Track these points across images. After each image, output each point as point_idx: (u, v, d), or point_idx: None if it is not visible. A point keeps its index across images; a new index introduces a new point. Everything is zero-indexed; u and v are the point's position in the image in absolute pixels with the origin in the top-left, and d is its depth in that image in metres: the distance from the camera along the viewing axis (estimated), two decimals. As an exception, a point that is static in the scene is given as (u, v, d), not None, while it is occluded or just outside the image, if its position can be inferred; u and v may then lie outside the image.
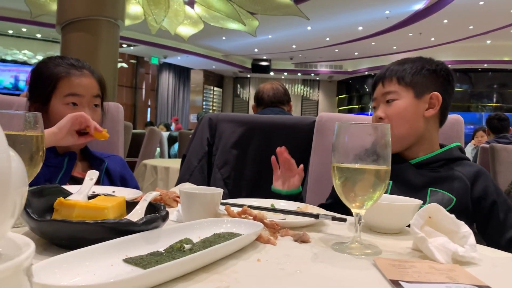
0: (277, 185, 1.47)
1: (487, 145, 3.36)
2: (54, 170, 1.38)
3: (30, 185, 0.82)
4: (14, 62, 12.98)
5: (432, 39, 12.29)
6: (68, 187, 0.92)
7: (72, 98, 1.43)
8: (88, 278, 0.54)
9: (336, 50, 14.32)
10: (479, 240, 0.96)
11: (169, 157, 7.55)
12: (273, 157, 1.47)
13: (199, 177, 2.08)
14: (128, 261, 0.61)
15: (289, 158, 1.44)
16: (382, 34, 11.97)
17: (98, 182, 1.40)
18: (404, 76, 1.35)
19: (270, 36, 12.75)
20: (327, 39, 12.94)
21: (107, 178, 1.53)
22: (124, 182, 1.58)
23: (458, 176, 1.31)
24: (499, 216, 1.27)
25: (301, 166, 1.42)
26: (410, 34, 11.95)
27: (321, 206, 1.50)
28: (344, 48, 13.85)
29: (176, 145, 7.60)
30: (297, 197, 1.43)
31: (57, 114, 1.39)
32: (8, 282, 0.34)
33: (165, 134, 7.92)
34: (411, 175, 1.33)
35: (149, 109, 15.67)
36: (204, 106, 17.20)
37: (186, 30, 8.74)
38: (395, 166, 1.33)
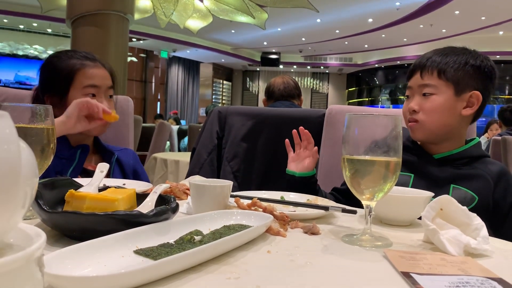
0: (291, 167, 1.42)
1: (499, 137, 3.32)
2: (66, 162, 1.40)
3: (42, 177, 0.83)
4: (26, 57, 13.08)
5: (444, 30, 12.13)
6: (79, 180, 0.93)
7: (90, 89, 1.45)
8: (99, 269, 0.55)
9: (346, 43, 14.21)
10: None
11: (179, 150, 7.57)
12: (286, 140, 1.44)
13: (209, 170, 2.09)
14: (138, 252, 0.61)
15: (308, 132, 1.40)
16: (392, 26, 11.83)
17: (108, 175, 1.42)
18: (446, 70, 1.27)
19: (279, 29, 12.68)
20: (337, 31, 12.83)
21: (120, 171, 1.55)
22: (136, 175, 1.59)
23: (481, 174, 1.27)
24: None
25: (315, 148, 1.39)
26: (421, 26, 11.80)
27: (334, 189, 1.49)
28: (354, 40, 13.73)
29: (186, 139, 7.62)
30: (310, 179, 1.38)
31: None
32: (20, 272, 0.34)
33: (175, 127, 7.94)
34: (434, 170, 1.30)
35: (158, 103, 15.72)
36: (213, 100, 17.21)
37: (195, 24, 8.75)
38: (417, 159, 1.33)
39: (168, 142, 6.68)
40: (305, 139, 1.39)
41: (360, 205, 0.84)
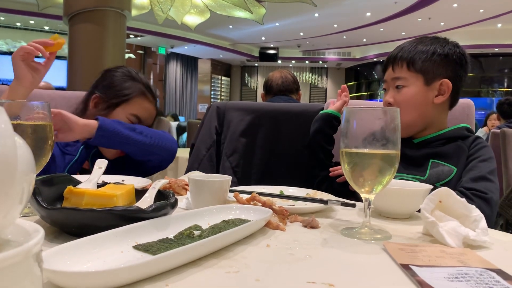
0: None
1: (498, 130, 3.32)
2: (68, 157, 1.40)
3: (43, 170, 0.83)
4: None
5: (442, 23, 12.10)
6: (77, 177, 0.93)
7: (134, 118, 1.52)
8: (99, 264, 0.55)
9: (344, 37, 14.18)
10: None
11: (178, 147, 7.56)
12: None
13: (208, 166, 2.09)
14: (138, 247, 0.61)
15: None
16: (390, 19, 11.80)
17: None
18: (415, 61, 1.32)
19: (277, 24, 12.64)
20: (335, 25, 12.80)
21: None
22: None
23: (459, 146, 1.30)
24: (469, 169, 1.24)
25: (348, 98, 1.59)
26: (419, 19, 11.77)
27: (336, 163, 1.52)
28: (352, 34, 13.70)
29: (184, 135, 7.61)
30: (334, 116, 1.55)
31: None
32: (18, 268, 0.34)
33: (174, 124, 7.93)
34: (413, 152, 1.32)
35: (157, 100, 15.68)
36: (212, 96, 17.18)
37: (192, 19, 8.72)
38: None
39: (167, 139, 6.65)
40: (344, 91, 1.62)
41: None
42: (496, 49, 13.55)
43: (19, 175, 0.33)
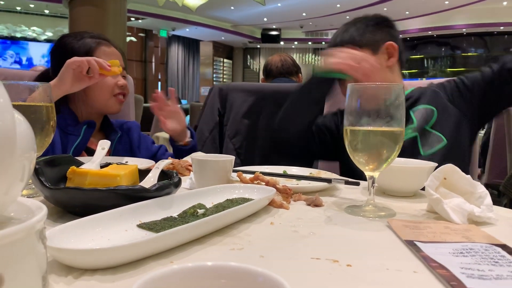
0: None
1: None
2: (72, 138, 1.41)
3: (47, 151, 0.82)
4: (24, 39, 12.97)
5: (446, 2, 11.91)
6: (80, 158, 0.92)
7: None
8: (103, 243, 0.55)
9: (347, 17, 13.84)
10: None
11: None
12: None
13: (211, 148, 2.09)
14: (142, 226, 0.61)
15: None
16: (394, -2, 11.65)
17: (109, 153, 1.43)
18: (355, 41, 1.40)
19: (279, 4, 12.48)
20: (338, 5, 12.63)
21: (124, 147, 1.58)
22: (141, 143, 1.65)
23: (427, 90, 1.41)
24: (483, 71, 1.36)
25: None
26: (423, -2, 11.61)
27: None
28: (356, 14, 13.20)
29: (187, 118, 7.60)
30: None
31: (98, 83, 1.40)
32: (21, 245, 0.34)
33: (176, 107, 7.91)
34: None
35: (159, 83, 15.62)
36: (214, 78, 17.09)
37: (193, 1, 8.62)
38: None
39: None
40: None
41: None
42: (501, 28, 13.35)
43: (19, 151, 0.33)
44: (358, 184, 0.93)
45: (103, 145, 0.95)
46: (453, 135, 1.32)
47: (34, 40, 13.01)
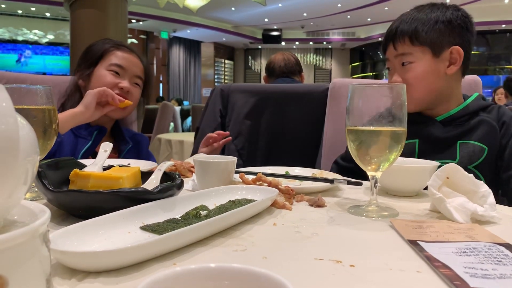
0: None
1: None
2: (82, 141, 1.42)
3: (54, 153, 0.82)
4: (25, 42, 13.01)
5: (448, 0, 11.88)
6: (82, 161, 0.93)
7: (115, 67, 1.53)
8: (106, 245, 0.55)
9: (348, 17, 13.99)
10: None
11: (183, 131, 7.59)
12: None
13: (213, 149, 2.08)
14: (145, 228, 0.61)
15: None
16: (395, -3, 11.63)
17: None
18: (418, 34, 1.22)
19: (280, 5, 12.48)
20: (339, 5, 12.62)
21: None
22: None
23: (485, 121, 1.22)
24: (509, 152, 1.18)
25: None
26: (425, -3, 11.57)
27: (336, 161, 1.47)
28: (357, 14, 13.50)
29: (189, 119, 7.62)
30: None
31: (99, 77, 1.52)
32: (25, 248, 0.34)
33: (178, 108, 7.94)
34: (438, 132, 1.25)
35: (161, 85, 15.64)
36: (215, 80, 17.10)
37: (194, 2, 8.60)
38: (420, 124, 1.29)
39: (172, 124, 6.69)
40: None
41: (365, 176, 0.84)
42: (503, 26, 13.32)
43: (22, 155, 0.33)
44: (360, 184, 0.93)
45: (106, 148, 0.95)
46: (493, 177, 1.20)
47: (36, 43, 13.03)
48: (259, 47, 17.97)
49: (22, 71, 12.40)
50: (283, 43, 16.69)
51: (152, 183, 0.80)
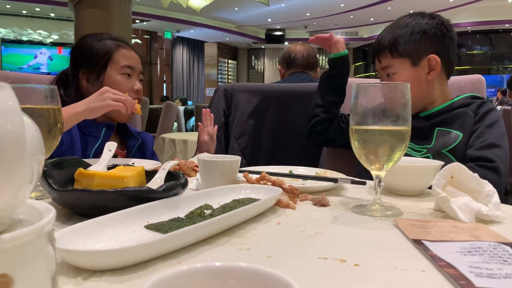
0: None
1: (509, 107, 3.27)
2: (91, 139, 1.42)
3: (65, 150, 0.82)
4: (30, 42, 13.05)
5: (451, 0, 11.86)
6: (87, 160, 0.93)
7: (127, 69, 1.52)
8: (111, 244, 0.55)
9: (351, 17, 13.97)
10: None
11: (186, 131, 7.60)
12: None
13: (217, 148, 2.08)
14: (149, 227, 0.61)
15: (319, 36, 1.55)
16: (398, -3, 11.60)
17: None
18: (396, 47, 1.33)
19: (283, 5, 12.48)
20: (342, 5, 12.61)
21: (140, 156, 1.58)
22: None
23: (464, 112, 1.30)
24: (476, 135, 1.25)
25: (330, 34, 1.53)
26: (428, -4, 11.55)
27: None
28: (359, 14, 13.48)
29: (192, 119, 7.63)
30: (344, 58, 1.52)
31: (115, 83, 1.47)
32: (31, 247, 0.34)
33: (181, 108, 7.95)
34: (419, 123, 1.32)
35: (164, 84, 15.67)
36: (219, 79, 17.11)
37: (197, 2, 8.63)
38: None
39: (175, 123, 6.70)
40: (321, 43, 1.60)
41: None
42: (507, 25, 13.26)
43: (28, 154, 0.33)
44: (364, 183, 0.93)
45: (110, 147, 0.95)
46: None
47: (40, 43, 13.08)
48: (262, 47, 17.96)
49: (27, 70, 12.46)
50: (286, 43, 16.67)
51: (156, 182, 0.80)
